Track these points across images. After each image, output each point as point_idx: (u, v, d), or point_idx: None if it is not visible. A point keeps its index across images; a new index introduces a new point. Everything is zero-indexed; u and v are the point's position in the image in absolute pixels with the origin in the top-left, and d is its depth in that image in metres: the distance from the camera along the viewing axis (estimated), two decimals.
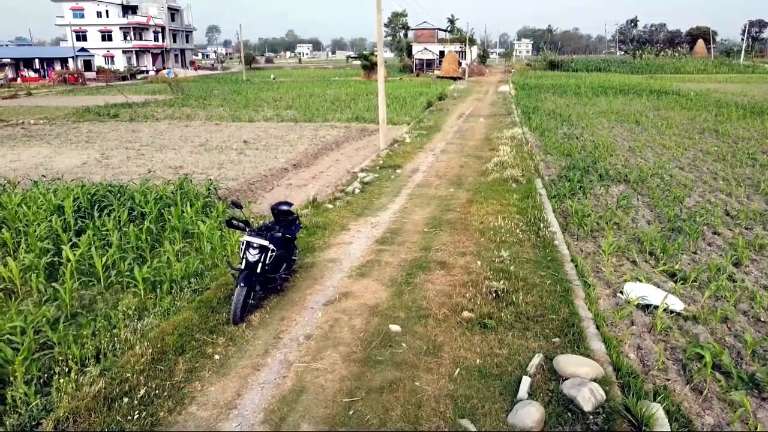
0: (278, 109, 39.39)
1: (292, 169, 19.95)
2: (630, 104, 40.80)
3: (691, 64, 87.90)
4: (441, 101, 42.20)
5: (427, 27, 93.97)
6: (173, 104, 43.49)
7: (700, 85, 59.58)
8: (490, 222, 12.19)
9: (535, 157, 19.84)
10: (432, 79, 72.22)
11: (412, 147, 22.52)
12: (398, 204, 14.28)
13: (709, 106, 38.46)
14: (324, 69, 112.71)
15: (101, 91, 58.98)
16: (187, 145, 25.32)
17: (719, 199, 15.37)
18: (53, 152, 23.58)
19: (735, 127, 28.93)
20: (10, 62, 72.68)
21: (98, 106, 41.82)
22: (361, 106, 40.88)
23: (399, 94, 48.58)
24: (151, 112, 38.11)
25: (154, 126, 31.80)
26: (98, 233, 11.23)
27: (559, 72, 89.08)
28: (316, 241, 11.42)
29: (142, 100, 47.47)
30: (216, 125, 32.05)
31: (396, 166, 18.77)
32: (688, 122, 31.12)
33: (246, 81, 74.44)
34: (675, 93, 46.82)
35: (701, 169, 19.30)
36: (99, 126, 31.84)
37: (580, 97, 45.91)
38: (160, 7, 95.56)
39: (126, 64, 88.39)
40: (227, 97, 48.69)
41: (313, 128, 30.55)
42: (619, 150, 22.56)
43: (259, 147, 24.70)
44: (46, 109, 41.58)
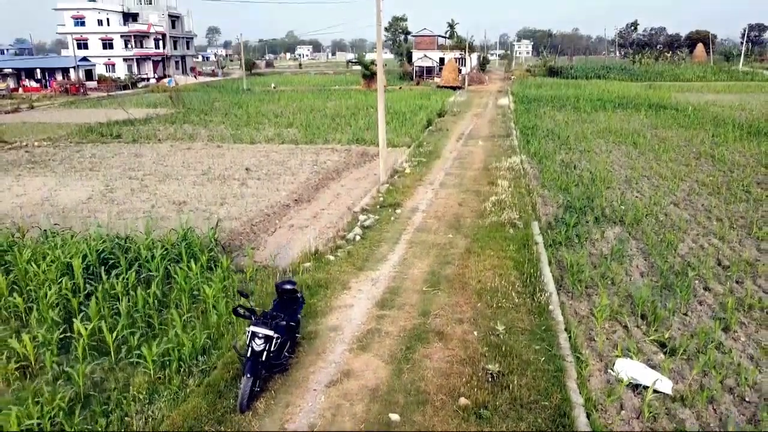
0: (279, 127, 39.72)
1: (294, 205, 20.28)
2: (628, 121, 41.13)
3: (690, 71, 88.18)
4: (440, 118, 42.53)
5: (427, 34, 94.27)
6: (175, 120, 43.80)
7: (699, 96, 59.87)
8: (488, 281, 12.53)
9: (532, 194, 20.17)
10: (432, 89, 72.54)
11: (411, 179, 22.85)
12: (398, 254, 14.63)
13: (707, 124, 38.78)
14: (324, 74, 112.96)
15: (102, 104, 59.29)
16: (189, 173, 25.66)
17: (712, 245, 15.70)
18: (58, 183, 23.92)
19: (731, 151, 29.27)
20: (12, 72, 73.01)
21: (100, 124, 42.16)
22: (362, 123, 41.17)
23: (398, 109, 48.83)
24: (153, 130, 38.44)
25: (156, 149, 32.13)
26: (107, 296, 11.58)
27: (559, 79, 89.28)
28: (318, 302, 11.76)
29: (143, 115, 47.77)
30: (218, 147, 32.40)
31: (396, 204, 19.10)
32: (684, 144, 31.45)
33: (247, 90, 74.74)
34: (673, 108, 47.10)
35: (696, 205, 19.63)
36: (102, 149, 32.17)
37: (578, 113, 46.22)
38: (161, 15, 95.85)
39: (127, 72, 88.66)
40: (228, 112, 48.99)
41: (314, 152, 30.89)
42: (616, 181, 22.87)
43: (261, 176, 25.04)
44: (48, 126, 41.90)
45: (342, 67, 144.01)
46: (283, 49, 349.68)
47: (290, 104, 56.59)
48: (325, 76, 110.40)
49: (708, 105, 50.32)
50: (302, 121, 42.18)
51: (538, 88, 70.18)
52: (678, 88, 69.56)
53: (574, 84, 78.58)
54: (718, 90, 66.61)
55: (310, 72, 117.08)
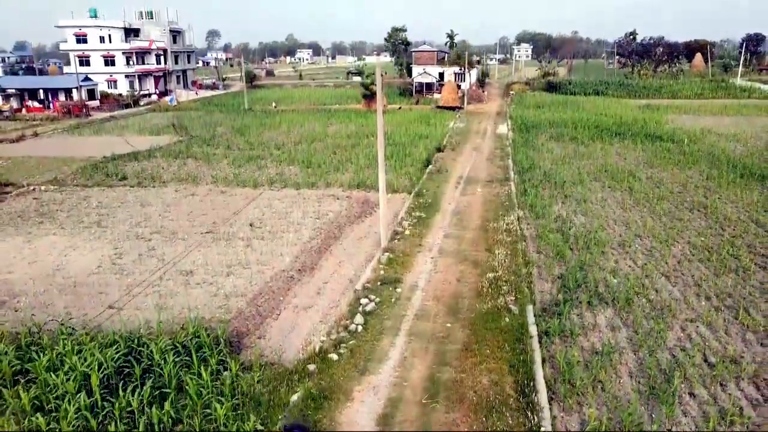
0: (281, 164, 40.36)
1: (297, 276, 20.95)
2: (624, 156, 41.78)
3: (688, 87, 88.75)
4: (440, 153, 43.15)
5: (427, 49, 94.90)
6: (178, 154, 44.43)
7: (695, 120, 60.51)
8: (483, 392, 13.22)
9: (529, 266, 20.83)
10: (431, 109, 73.17)
11: (411, 243, 23.52)
12: (398, 350, 15.33)
13: (702, 162, 39.45)
14: (324, 87, 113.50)
15: (106, 128, 59.89)
16: (195, 229, 26.33)
17: (699, 334, 16.39)
18: (67, 244, 24.59)
19: (724, 201, 29.94)
20: (15, 92, 73.62)
21: (105, 158, 42.89)
22: (362, 159, 41.76)
23: (398, 140, 49.52)
24: (157, 168, 39.10)
25: (161, 194, 32.79)
26: (123, 412, 12.27)
27: (558, 95, 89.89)
28: (323, 418, 12.45)
29: (147, 144, 48.41)
30: (222, 193, 33.06)
31: (396, 280, 19.78)
32: (679, 191, 32.10)
33: (248, 110, 75.30)
34: (669, 138, 47.72)
35: (686, 278, 20.30)
36: (108, 195, 32.82)
37: (576, 143, 46.88)
38: (162, 30, 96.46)
39: (129, 89, 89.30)
40: (231, 142, 49.57)
41: (316, 198, 31.56)
42: (610, 244, 23.53)
43: (265, 234, 25.72)
44: (53, 162, 42.51)
45: (342, 77, 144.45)
46: (283, 52, 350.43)
47: (292, 129, 57.30)
48: (325, 89, 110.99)
49: (704, 133, 50.95)
50: (303, 156, 42.79)
51: (537, 109, 70.83)
52: (675, 109, 70.18)
53: (573, 102, 79.19)
54: (714, 111, 67.16)
55: (310, 84, 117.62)
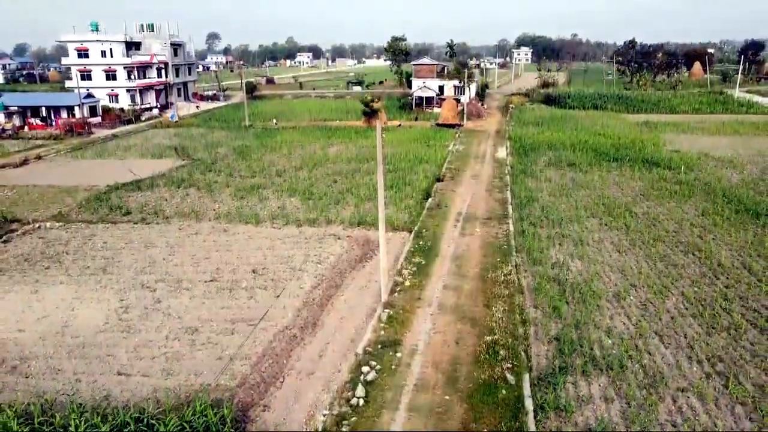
0: (282, 195, 40.87)
1: (299, 334, 21.48)
2: (622, 186, 42.27)
3: (686, 101, 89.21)
4: (440, 183, 43.65)
5: (427, 63, 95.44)
6: (180, 183, 44.90)
7: (693, 140, 61.03)
8: None
9: (526, 325, 21.38)
10: (431, 127, 73.62)
11: (410, 297, 24.06)
12: (398, 427, 15.88)
13: (698, 193, 39.99)
14: (324, 98, 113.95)
15: (108, 150, 60.37)
16: (198, 277, 26.85)
17: (690, 407, 16.93)
18: (74, 293, 25.14)
19: (718, 242, 30.47)
20: (18, 110, 74.10)
21: (108, 188, 43.44)
22: (363, 188, 42.35)
23: (398, 164, 50.12)
24: (160, 202, 39.59)
25: (165, 233, 33.30)
26: None
27: (556, 109, 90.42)
28: None
29: (149, 170, 48.90)
30: (224, 231, 33.57)
31: (396, 342, 20.32)
32: (674, 230, 32.59)
33: (249, 127, 75.80)
34: (666, 165, 48.18)
35: (679, 339, 20.83)
36: (113, 233, 33.34)
37: (575, 170, 47.38)
38: (163, 44, 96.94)
39: (130, 102, 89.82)
40: (232, 167, 50.05)
41: (317, 238, 32.08)
42: (605, 297, 24.06)
43: (267, 282, 26.25)
44: (57, 192, 43.03)
45: (342, 85, 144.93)
46: (283, 55, 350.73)
47: (293, 151, 57.82)
48: (325, 100, 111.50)
49: (701, 158, 51.46)
50: (304, 186, 43.33)
51: (536, 127, 71.36)
52: (673, 127, 70.68)
53: (571, 117, 79.68)
54: (712, 130, 67.66)
55: (310, 95, 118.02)
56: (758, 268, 26.92)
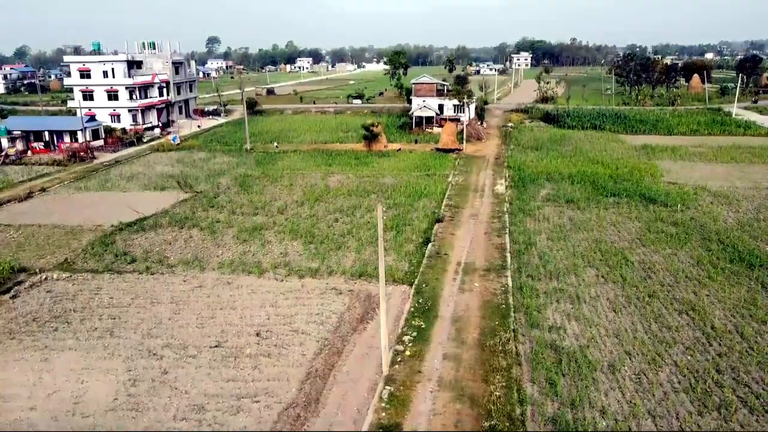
0: (284, 239, 41.49)
1: (303, 414, 22.13)
2: (620, 228, 42.87)
3: (684, 123, 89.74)
4: (440, 223, 44.26)
5: (426, 81, 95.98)
6: (183, 222, 45.56)
7: (690, 169, 61.65)
8: None
9: (523, 405, 22.04)
10: (431, 150, 74.25)
11: (411, 370, 24.71)
12: None
13: (694, 237, 40.62)
14: (324, 113, 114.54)
15: (111, 180, 61.01)
16: (204, 342, 27.49)
17: None
18: (83, 362, 25.79)
19: (712, 300, 31.12)
20: (21, 135, 74.71)
21: (113, 228, 44.09)
22: (363, 229, 43.04)
23: (398, 199, 50.80)
24: (163, 247, 40.23)
25: (169, 286, 33.95)
26: None
27: (555, 128, 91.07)
28: None
29: (152, 207, 49.55)
30: (228, 284, 34.21)
31: (396, 425, 20.97)
32: (670, 283, 33.24)
33: (250, 151, 76.45)
34: (663, 202, 48.76)
35: (671, 420, 21.48)
36: (119, 286, 33.99)
37: (573, 208, 47.96)
38: (165, 62, 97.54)
39: (132, 122, 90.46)
40: (234, 203, 50.67)
41: (319, 293, 32.74)
42: (600, 368, 24.71)
43: (270, 348, 26.90)
44: (62, 233, 43.69)
45: (342, 97, 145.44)
46: (283, 59, 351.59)
47: (294, 180, 58.50)
48: (326, 115, 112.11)
49: (697, 193, 52.05)
50: (306, 226, 43.99)
51: (535, 152, 72.09)
52: (670, 152, 71.25)
53: (570, 139, 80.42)
54: (709, 156, 68.28)
55: (311, 110, 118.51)
56: (750, 333, 27.56)
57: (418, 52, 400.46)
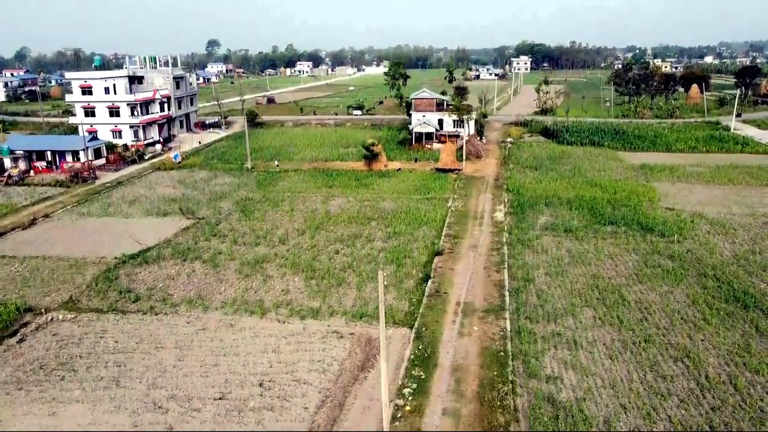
0: (285, 275, 42.00)
1: None
2: (617, 261, 43.38)
3: (682, 139, 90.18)
4: (439, 257, 44.79)
5: (426, 97, 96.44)
6: (186, 254, 46.08)
7: (688, 193, 62.07)
8: None
9: None
10: (431, 170, 74.76)
11: (410, 425, 25.30)
12: None
13: (690, 272, 41.16)
14: (325, 125, 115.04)
15: (113, 204, 61.50)
16: (208, 394, 28.06)
17: None
18: (90, 416, 26.36)
19: (707, 346, 31.66)
20: (23, 155, 75.24)
21: (116, 261, 44.66)
22: (364, 260, 43.62)
23: (398, 228, 51.31)
24: (167, 286, 40.72)
25: (174, 329, 34.51)
26: None
27: (554, 144, 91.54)
28: None
29: (154, 237, 50.07)
30: (231, 326, 34.77)
31: None
32: (665, 326, 33.78)
33: (251, 170, 76.95)
34: (660, 232, 49.26)
35: None
36: (123, 328, 34.59)
37: (571, 238, 48.45)
38: (166, 77, 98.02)
39: (133, 138, 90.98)
40: (237, 233, 51.19)
41: (321, 337, 33.29)
42: (596, 425, 25.27)
43: (273, 400, 27.46)
44: (66, 267, 44.24)
45: (342, 106, 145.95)
46: (282, 62, 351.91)
47: (295, 206, 59.02)
48: (326, 129, 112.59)
49: (694, 221, 52.49)
50: (307, 258, 44.55)
51: (534, 171, 72.66)
52: (668, 172, 71.67)
53: (568, 156, 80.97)
54: (706, 177, 68.66)
55: (311, 122, 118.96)
56: (743, 384, 28.09)
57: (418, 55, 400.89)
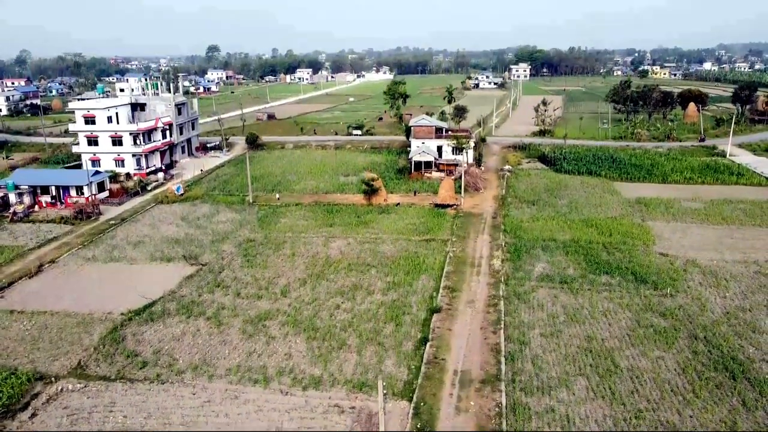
0: (288, 335, 43.15)
1: None
2: (611, 320, 44.55)
3: (678, 169, 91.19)
4: (437, 315, 45.95)
5: (425, 124, 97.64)
6: (190, 309, 47.30)
7: (682, 235, 63.14)
8: None
9: None
10: (430, 205, 75.90)
11: None
12: None
13: (681, 335, 42.33)
14: (325, 148, 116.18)
15: (118, 246, 62.59)
16: None
17: None
18: None
19: (695, 423, 32.84)
20: (28, 190, 76.33)
21: (123, 318, 45.79)
22: (365, 317, 44.80)
23: (397, 276, 52.44)
24: (172, 349, 41.84)
25: (180, 400, 35.67)
26: None
27: (552, 173, 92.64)
28: None
29: (159, 289, 51.09)
30: (235, 399, 35.91)
31: None
32: (656, 399, 34.94)
33: (252, 204, 78.07)
34: (654, 283, 50.49)
35: None
36: (131, 400, 35.70)
37: (566, 290, 49.61)
38: (167, 105, 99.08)
39: (136, 166, 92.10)
40: (240, 283, 52.36)
41: (323, 411, 34.42)
42: None
43: None
44: (74, 323, 45.39)
45: (342, 123, 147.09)
46: (282, 68, 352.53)
47: (297, 250, 60.18)
48: (326, 151, 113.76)
49: (687, 269, 53.70)
50: (309, 315, 45.78)
51: (531, 207, 73.84)
52: (663, 208, 72.84)
53: (566, 187, 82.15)
54: (701, 216, 69.58)
55: (311, 144, 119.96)
56: None
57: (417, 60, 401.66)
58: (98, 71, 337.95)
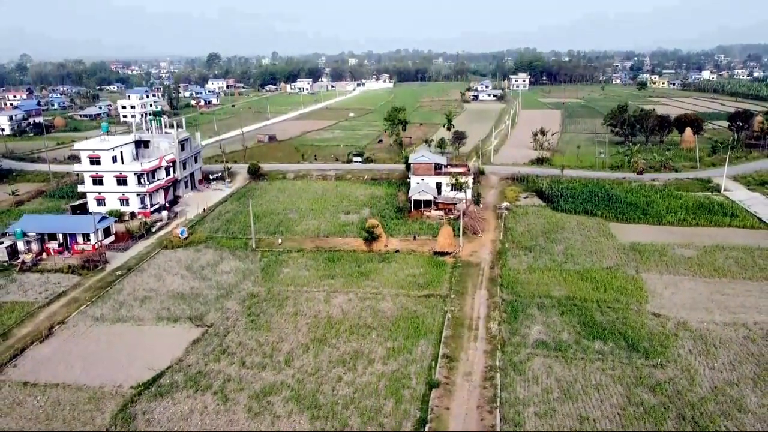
0: (291, 413, 44.84)
1: None
2: (602, 396, 46.22)
3: (673, 207, 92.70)
4: (435, 390, 47.64)
5: (424, 161, 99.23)
6: (196, 381, 48.97)
7: (675, 286, 64.82)
8: None
9: None
10: (429, 252, 77.56)
11: None
12: None
13: (671, 413, 44.01)
14: (326, 179, 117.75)
15: (125, 303, 64.20)
16: None
17: None
18: None
19: None
20: (36, 237, 77.99)
21: (133, 394, 47.44)
22: (366, 390, 46.44)
23: (396, 342, 54.12)
24: (180, 426, 43.58)
25: None
26: None
27: (549, 211, 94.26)
28: None
29: (166, 359, 52.68)
30: None
31: None
32: None
33: (255, 250, 79.72)
34: (645, 351, 52.14)
35: None
36: None
37: (560, 359, 51.30)
38: (171, 142, 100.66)
39: (140, 204, 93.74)
40: (245, 349, 54.04)
41: None
42: None
43: None
44: (86, 399, 46.99)
45: (343, 146, 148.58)
46: (283, 77, 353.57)
47: (299, 308, 61.89)
48: (327, 182, 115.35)
49: (678, 333, 55.41)
50: (311, 389, 47.43)
51: (528, 254, 75.45)
52: (657, 257, 74.45)
53: (562, 230, 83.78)
54: (694, 268, 71.06)
55: (311, 174, 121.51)
56: None
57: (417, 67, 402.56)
58: (99, 79, 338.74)
